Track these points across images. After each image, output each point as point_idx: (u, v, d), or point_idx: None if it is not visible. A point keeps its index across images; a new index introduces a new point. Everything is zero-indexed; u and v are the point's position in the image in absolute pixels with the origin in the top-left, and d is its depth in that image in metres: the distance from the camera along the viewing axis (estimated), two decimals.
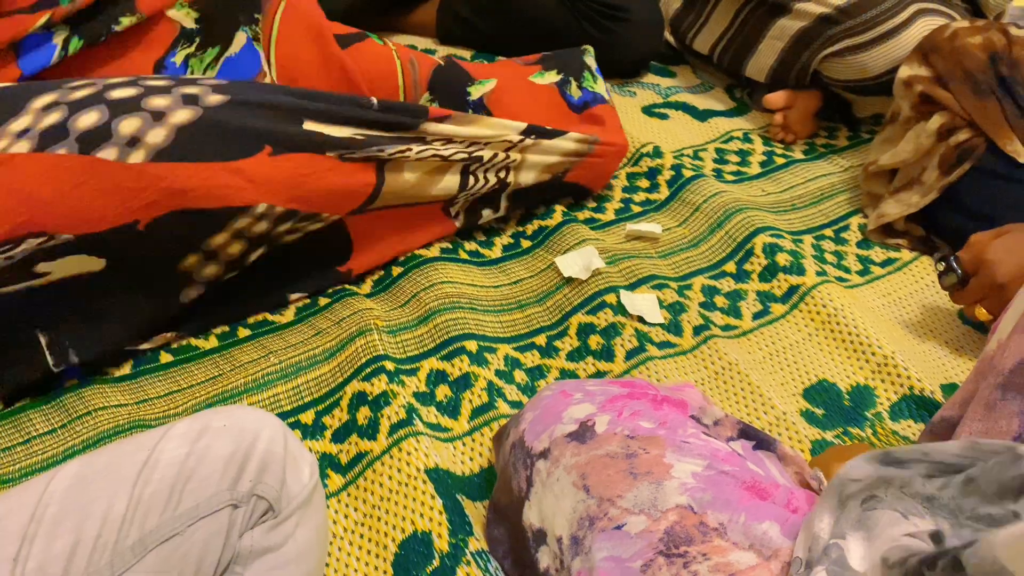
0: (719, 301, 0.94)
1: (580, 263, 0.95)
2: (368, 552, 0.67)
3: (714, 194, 1.06)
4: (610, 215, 1.08)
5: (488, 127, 0.94)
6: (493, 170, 0.97)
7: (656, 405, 0.61)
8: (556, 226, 1.02)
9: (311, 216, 0.85)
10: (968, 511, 0.42)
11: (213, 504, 0.49)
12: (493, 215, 1.02)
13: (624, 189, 1.12)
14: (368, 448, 0.74)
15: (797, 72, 1.22)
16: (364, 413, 0.77)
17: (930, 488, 0.45)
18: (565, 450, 0.58)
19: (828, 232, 1.07)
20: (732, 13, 1.28)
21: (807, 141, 1.26)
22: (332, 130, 0.83)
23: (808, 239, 1.04)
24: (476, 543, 0.64)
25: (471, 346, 0.85)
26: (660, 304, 0.92)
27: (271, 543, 0.50)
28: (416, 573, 0.64)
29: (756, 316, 0.92)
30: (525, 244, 1.02)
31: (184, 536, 0.48)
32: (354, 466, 0.73)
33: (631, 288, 0.93)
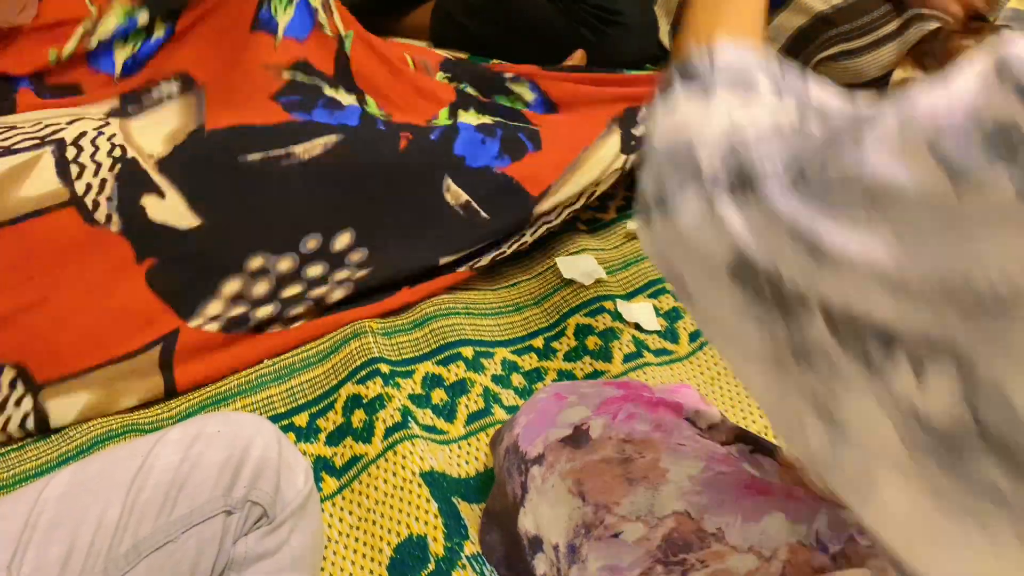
0: None
1: (582, 268, 0.95)
2: (363, 556, 0.67)
3: None
4: (612, 213, 1.08)
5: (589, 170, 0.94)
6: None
7: (651, 407, 0.61)
8: (556, 230, 1.02)
9: None
10: None
11: (207, 511, 0.48)
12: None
13: (626, 187, 1.12)
14: (363, 451, 0.73)
15: None
16: (359, 416, 0.76)
17: None
18: (560, 455, 0.58)
19: None
20: None
21: None
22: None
23: None
24: (472, 547, 0.64)
25: (467, 352, 0.85)
26: (656, 312, 0.92)
27: (266, 549, 0.50)
28: None
29: None
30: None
31: (178, 543, 0.47)
32: (349, 469, 0.73)
33: (628, 298, 0.93)
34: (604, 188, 0.97)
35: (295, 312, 0.85)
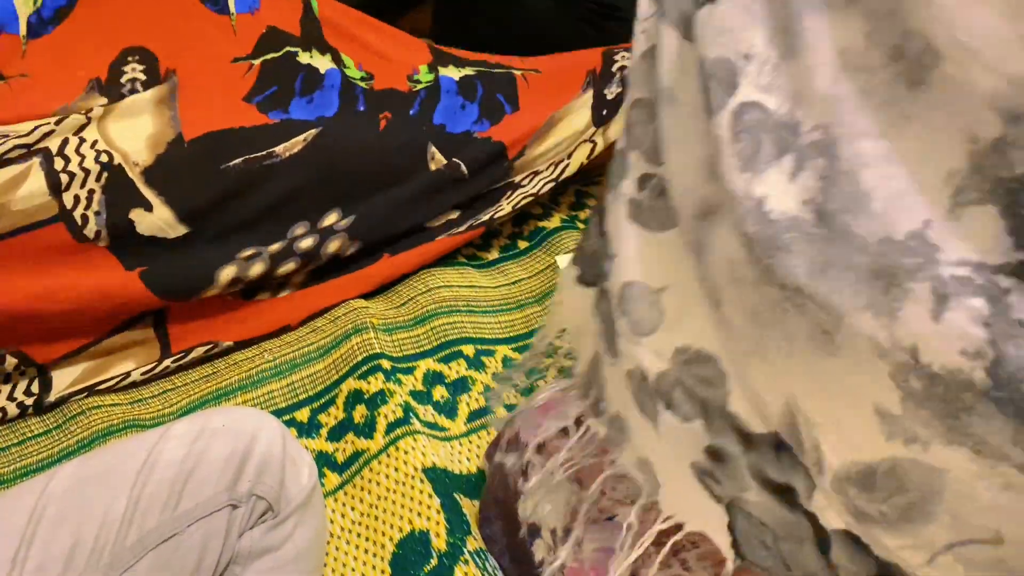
0: None
1: None
2: (366, 551, 0.67)
3: None
4: None
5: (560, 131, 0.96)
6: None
7: None
8: (555, 228, 1.02)
9: None
10: None
11: (212, 504, 0.49)
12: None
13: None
14: (365, 447, 0.73)
15: None
16: (361, 411, 0.76)
17: None
18: (559, 445, 0.59)
19: None
20: None
21: None
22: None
23: None
24: (474, 542, 0.64)
25: (468, 350, 0.85)
26: None
27: (270, 544, 0.50)
28: (414, 572, 0.64)
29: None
30: (522, 245, 1.02)
31: (183, 536, 0.47)
32: (351, 465, 0.73)
33: None
34: (577, 162, 0.98)
35: (284, 269, 0.86)
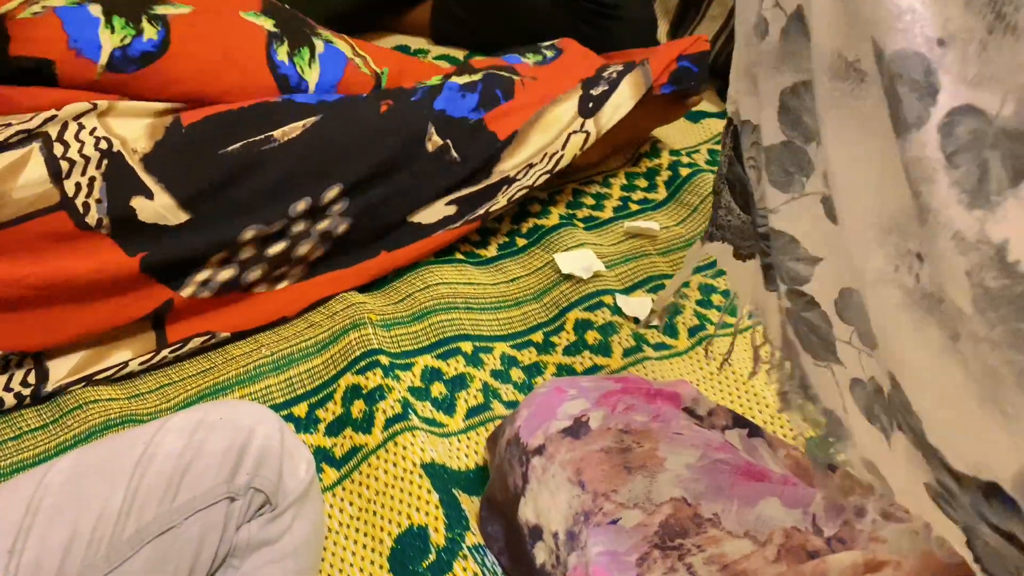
0: (716, 299, 0.94)
1: (580, 263, 0.95)
2: (364, 547, 0.67)
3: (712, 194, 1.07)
4: (608, 212, 1.08)
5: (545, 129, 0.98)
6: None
7: (649, 399, 0.62)
8: (553, 227, 1.02)
9: None
10: None
11: (210, 497, 0.49)
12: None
13: (623, 187, 1.13)
14: (363, 442, 0.73)
15: None
16: (359, 407, 0.76)
17: None
18: (560, 446, 0.58)
19: None
20: (728, 9, 1.29)
21: None
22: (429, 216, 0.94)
23: None
24: (473, 537, 0.64)
25: (466, 347, 0.85)
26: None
27: (268, 536, 0.50)
28: (412, 567, 0.64)
29: (752, 315, 0.92)
30: (521, 242, 1.02)
31: (181, 529, 0.48)
32: (349, 460, 0.73)
33: (628, 292, 0.93)
34: (567, 156, 0.99)
35: (280, 271, 0.87)
